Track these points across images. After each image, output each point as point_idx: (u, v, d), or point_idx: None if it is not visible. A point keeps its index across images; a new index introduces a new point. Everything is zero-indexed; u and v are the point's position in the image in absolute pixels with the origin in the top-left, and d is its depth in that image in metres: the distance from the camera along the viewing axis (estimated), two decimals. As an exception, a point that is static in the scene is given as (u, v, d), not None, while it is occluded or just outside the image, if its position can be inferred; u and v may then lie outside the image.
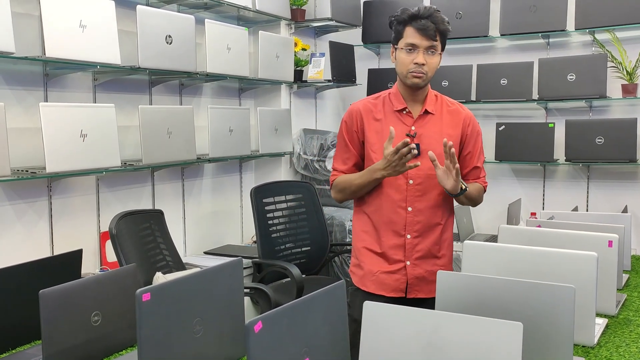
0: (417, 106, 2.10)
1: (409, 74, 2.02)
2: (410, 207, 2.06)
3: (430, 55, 2.01)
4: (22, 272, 1.74)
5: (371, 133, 2.10)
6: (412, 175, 2.05)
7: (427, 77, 2.04)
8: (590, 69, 3.69)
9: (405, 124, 2.09)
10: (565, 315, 1.41)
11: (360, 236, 2.15)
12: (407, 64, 2.02)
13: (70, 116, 2.53)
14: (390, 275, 2.08)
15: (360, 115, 2.11)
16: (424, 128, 2.08)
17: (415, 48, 2.00)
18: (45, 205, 2.76)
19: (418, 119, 2.09)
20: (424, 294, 2.08)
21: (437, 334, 1.22)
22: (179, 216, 3.52)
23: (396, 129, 2.02)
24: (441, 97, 2.16)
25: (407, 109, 2.09)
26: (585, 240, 1.91)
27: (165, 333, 1.38)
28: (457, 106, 2.16)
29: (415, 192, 2.06)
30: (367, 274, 2.11)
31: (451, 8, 4.09)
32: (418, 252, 2.08)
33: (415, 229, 2.07)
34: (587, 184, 3.93)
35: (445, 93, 4.04)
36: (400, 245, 2.07)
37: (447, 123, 2.11)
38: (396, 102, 2.10)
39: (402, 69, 2.04)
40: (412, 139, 2.02)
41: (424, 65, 2.00)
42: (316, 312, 1.33)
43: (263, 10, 3.67)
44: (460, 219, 3.88)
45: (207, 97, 3.69)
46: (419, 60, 2.00)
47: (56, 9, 2.47)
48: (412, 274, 2.07)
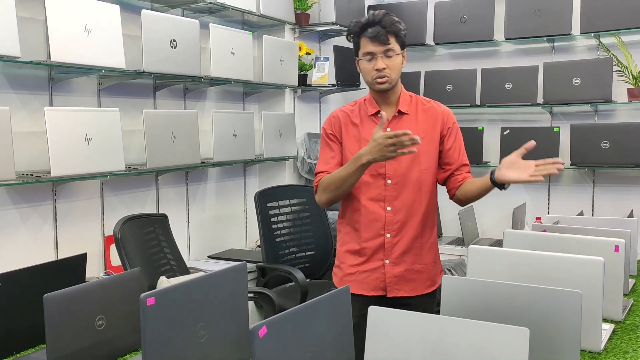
0: (391, 108, 2.15)
1: (373, 80, 2.08)
2: (389, 206, 2.09)
3: (389, 58, 2.05)
4: (27, 276, 1.75)
5: (349, 138, 2.15)
6: (390, 174, 2.09)
7: (392, 79, 2.08)
8: (596, 73, 3.68)
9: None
10: (572, 320, 1.40)
11: (343, 239, 2.20)
12: (370, 72, 2.07)
13: (75, 120, 2.53)
14: (369, 274, 2.12)
15: (339, 121, 2.17)
16: (399, 128, 2.08)
17: (373, 55, 2.05)
18: (49, 209, 2.77)
19: (392, 120, 2.13)
20: (404, 293, 2.11)
21: (442, 339, 1.22)
22: (183, 220, 3.52)
23: (371, 131, 2.05)
24: (416, 97, 2.20)
25: (381, 112, 2.12)
26: (592, 245, 1.89)
27: (169, 338, 1.38)
28: (432, 104, 2.19)
29: (393, 191, 2.09)
30: (347, 274, 2.15)
31: (456, 12, 4.09)
32: (397, 251, 2.10)
33: (394, 227, 2.10)
34: (593, 189, 3.91)
35: (450, 97, 4.09)
36: (379, 245, 2.11)
37: (423, 121, 2.14)
38: (370, 106, 2.15)
39: (367, 77, 2.10)
40: None
41: (384, 69, 2.05)
42: (321, 317, 1.32)
43: (267, 14, 3.68)
44: (465, 223, 3.87)
45: (211, 101, 3.69)
46: (378, 66, 2.05)
47: (61, 13, 2.48)
48: (390, 272, 2.10)
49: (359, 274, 2.13)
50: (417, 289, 2.12)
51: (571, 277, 1.65)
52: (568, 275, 1.65)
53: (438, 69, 4.26)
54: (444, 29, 4.15)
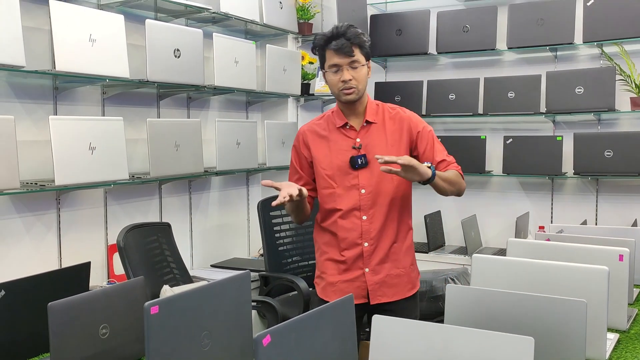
0: (359, 119, 2.18)
1: (340, 92, 2.11)
2: (365, 215, 2.13)
3: (354, 70, 2.09)
4: (31, 285, 1.75)
5: (318, 151, 2.19)
6: (364, 184, 2.13)
7: (359, 90, 2.12)
8: (599, 82, 3.68)
9: (349, 137, 2.17)
10: (577, 330, 1.39)
11: (321, 249, 2.23)
12: (336, 84, 2.11)
13: (79, 129, 2.54)
14: (351, 283, 2.15)
15: (306, 136, 2.22)
16: (369, 138, 2.16)
17: (339, 67, 2.09)
18: (53, 218, 2.77)
19: (361, 131, 2.17)
20: (387, 298, 2.15)
21: (447, 348, 1.21)
22: (186, 229, 3.52)
23: (341, 143, 2.16)
24: (382, 105, 2.23)
25: (349, 124, 2.18)
26: (596, 254, 1.89)
27: (173, 346, 1.38)
28: (398, 110, 2.22)
29: (368, 200, 2.13)
30: (328, 284, 2.19)
31: (458, 22, 4.11)
32: (376, 259, 2.14)
33: (371, 236, 2.13)
34: (596, 198, 3.90)
35: (453, 106, 4.09)
36: (358, 254, 2.14)
37: (390, 128, 2.18)
38: (338, 119, 2.19)
39: (334, 89, 2.14)
40: (358, 151, 2.14)
41: (351, 81, 2.09)
42: (325, 326, 1.32)
43: (270, 24, 3.69)
44: (468, 232, 3.86)
45: (214, 110, 3.70)
46: (344, 77, 2.08)
47: (66, 23, 2.50)
48: (371, 280, 2.14)
49: (340, 284, 2.16)
50: (399, 293, 2.16)
51: (575, 286, 1.64)
52: (572, 285, 1.65)
53: (441, 78, 4.27)
54: (447, 38, 4.16)
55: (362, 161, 2.12)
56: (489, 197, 4.21)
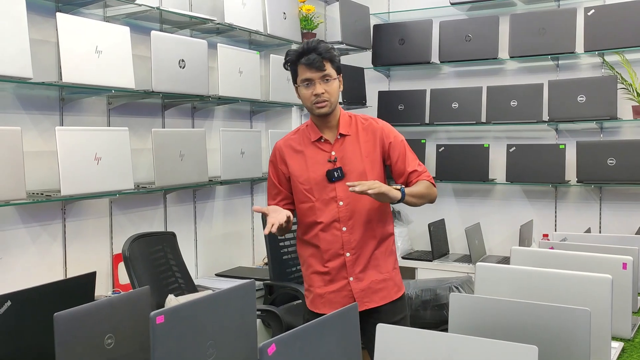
0: (332, 132, 2.22)
1: (313, 106, 2.14)
2: (345, 226, 2.17)
3: (326, 83, 2.13)
4: (36, 295, 1.76)
5: (294, 166, 2.22)
6: (341, 196, 2.17)
7: (332, 103, 2.15)
8: (601, 91, 3.69)
9: (325, 151, 2.20)
10: (580, 338, 1.40)
11: (306, 262, 2.26)
12: (309, 97, 2.14)
13: (85, 140, 2.57)
14: (337, 293, 2.19)
15: (282, 151, 2.25)
16: (343, 151, 2.19)
17: (311, 81, 2.12)
18: (59, 228, 2.79)
19: (335, 144, 2.20)
20: (375, 303, 2.19)
21: (451, 357, 1.22)
22: (190, 238, 3.53)
23: (317, 157, 2.19)
24: (355, 117, 2.26)
25: (323, 137, 2.21)
26: (599, 263, 1.89)
27: (178, 356, 1.39)
28: (370, 121, 2.26)
29: (346, 212, 2.17)
30: (316, 297, 2.22)
31: (460, 31, 4.13)
32: (358, 267, 2.18)
33: (352, 246, 2.17)
34: (600, 206, 3.90)
35: (456, 115, 4.11)
36: (341, 264, 2.18)
37: (364, 140, 2.21)
38: (312, 133, 2.22)
39: (307, 102, 2.16)
40: (333, 164, 2.17)
41: (323, 94, 2.12)
42: (329, 335, 1.33)
43: (274, 34, 3.72)
44: (472, 240, 3.87)
45: (218, 120, 3.73)
46: (317, 91, 2.11)
47: (73, 35, 2.52)
48: (356, 288, 2.18)
49: (327, 295, 2.20)
50: (386, 297, 2.20)
51: (579, 294, 1.65)
52: (576, 293, 1.66)
53: (443, 87, 4.29)
54: (449, 47, 4.18)
55: (338, 174, 2.16)
56: (492, 205, 4.22)
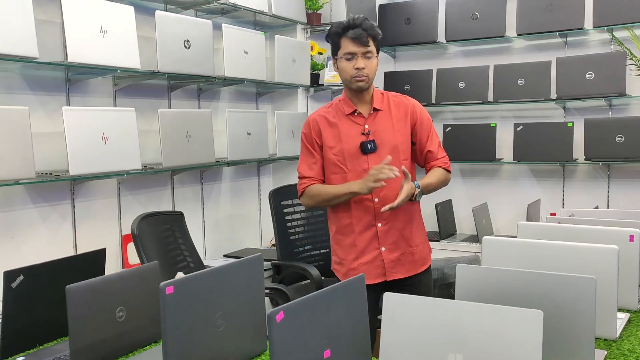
0: (366, 106, 2.29)
1: (352, 79, 2.21)
2: (377, 197, 2.23)
3: (367, 59, 2.20)
4: (49, 270, 1.78)
5: (328, 137, 2.28)
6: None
7: (370, 79, 2.23)
8: (609, 67, 3.66)
9: (358, 124, 2.27)
10: (586, 306, 1.40)
11: (336, 235, 2.32)
12: (349, 71, 2.20)
13: (93, 120, 2.58)
14: (369, 264, 2.25)
15: (317, 123, 2.30)
16: (376, 125, 2.26)
17: (354, 55, 2.19)
18: (68, 208, 2.81)
19: (369, 118, 2.27)
20: (402, 275, 2.27)
21: (457, 324, 1.23)
22: (198, 219, 3.55)
23: (350, 130, 2.26)
24: (387, 94, 2.34)
25: (357, 111, 2.28)
26: (606, 235, 1.89)
27: (188, 326, 1.41)
28: (401, 98, 2.34)
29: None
30: (349, 270, 2.28)
31: (467, 9, 4.10)
32: (390, 238, 2.25)
33: (384, 217, 2.23)
34: (608, 183, 3.89)
35: (462, 94, 4.09)
36: (373, 235, 2.25)
37: (396, 115, 2.29)
38: (346, 106, 2.29)
39: (346, 75, 2.23)
40: (367, 136, 2.24)
41: (364, 69, 2.19)
42: (337, 305, 1.34)
43: (279, 14, 3.71)
44: (479, 220, 3.87)
45: (224, 101, 3.73)
46: (358, 65, 2.19)
47: (78, 15, 2.53)
48: (388, 258, 2.25)
49: (360, 267, 2.25)
50: (412, 270, 2.29)
51: (585, 266, 1.65)
52: (582, 265, 1.66)
53: (450, 66, 4.27)
54: (456, 26, 4.15)
55: (371, 146, 2.23)
56: (499, 185, 4.21)
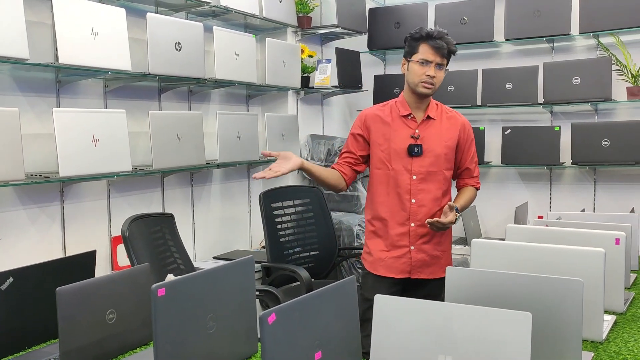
0: (421, 112, 2.40)
1: (420, 83, 2.31)
2: (414, 199, 2.35)
3: (438, 70, 2.31)
4: (38, 272, 1.78)
5: (377, 134, 2.41)
6: (416, 171, 2.35)
7: (435, 88, 2.33)
8: (595, 73, 3.71)
9: (410, 127, 2.38)
10: (573, 308, 1.43)
11: (371, 227, 2.45)
12: (420, 75, 2.30)
13: (83, 121, 2.57)
14: (397, 259, 2.37)
15: (367, 118, 2.44)
16: (426, 131, 2.38)
17: (428, 63, 2.30)
18: (57, 210, 2.80)
19: (421, 124, 2.38)
20: (425, 275, 2.38)
21: (446, 325, 1.25)
22: (188, 221, 3.55)
23: (401, 131, 2.38)
24: (441, 106, 2.45)
25: (412, 115, 2.39)
26: (593, 238, 1.92)
27: (179, 328, 1.41)
28: (454, 113, 2.46)
29: (418, 185, 2.35)
30: (377, 260, 2.41)
31: (456, 14, 4.13)
32: (422, 239, 2.36)
33: (418, 218, 2.35)
34: (594, 187, 3.94)
35: (452, 98, 4.13)
36: (405, 233, 2.36)
37: (446, 127, 2.40)
38: (402, 108, 2.40)
39: (415, 79, 2.32)
40: (416, 140, 2.35)
41: (434, 78, 2.30)
42: (327, 307, 1.35)
43: (270, 17, 3.72)
44: (468, 223, 3.90)
45: (215, 103, 3.73)
46: (431, 73, 2.30)
47: (69, 17, 2.52)
48: (415, 257, 2.36)
49: (388, 259, 2.38)
50: (435, 273, 2.39)
51: (572, 268, 1.68)
52: (569, 267, 1.68)
53: (439, 70, 4.30)
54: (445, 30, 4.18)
55: (418, 150, 2.33)
56: (488, 188, 4.25)
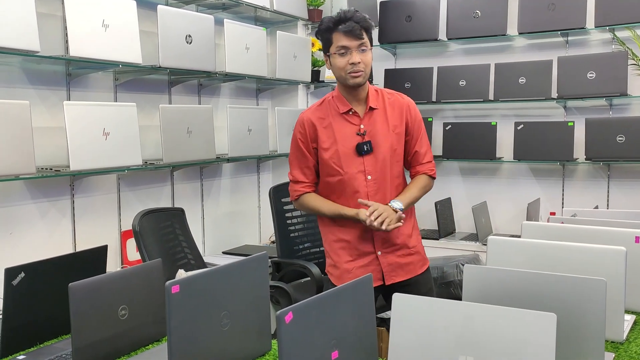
0: (361, 105, 2.17)
1: (347, 75, 2.09)
2: (372, 200, 2.13)
3: (362, 52, 2.09)
4: (50, 267, 1.76)
5: (323, 138, 2.17)
6: (370, 170, 2.15)
7: (366, 74, 2.11)
8: (611, 67, 3.65)
9: (353, 124, 2.16)
10: (596, 309, 1.39)
11: (330, 237, 2.23)
12: (344, 66, 2.09)
13: (94, 115, 2.56)
14: (365, 268, 2.16)
15: (311, 123, 2.18)
16: (372, 125, 2.16)
17: (347, 49, 2.08)
18: (67, 204, 2.79)
19: (364, 117, 2.16)
20: (401, 277, 2.19)
21: (467, 325, 1.22)
22: (197, 216, 3.53)
23: (345, 130, 2.15)
24: (381, 91, 2.23)
25: (353, 110, 2.16)
26: (611, 236, 1.88)
27: (193, 325, 1.39)
28: (396, 96, 2.24)
29: (374, 186, 2.15)
30: (343, 272, 2.19)
31: (468, 7, 4.08)
32: (386, 241, 2.17)
33: None
34: (608, 183, 3.88)
35: (463, 92, 4.08)
36: (368, 238, 2.16)
37: (391, 114, 2.18)
38: (340, 105, 2.16)
39: (340, 72, 2.10)
40: (362, 137, 2.14)
41: (359, 64, 2.07)
42: (344, 305, 1.33)
43: (280, 10, 3.69)
44: (479, 219, 3.86)
45: (225, 97, 3.71)
46: (354, 59, 2.07)
47: (79, 9, 2.50)
48: (385, 262, 2.17)
49: (356, 270, 2.17)
50: (412, 271, 2.22)
51: (592, 267, 1.64)
52: (589, 266, 1.65)
53: (451, 64, 4.25)
54: (457, 24, 4.14)
55: (367, 147, 2.13)
56: (499, 184, 4.20)
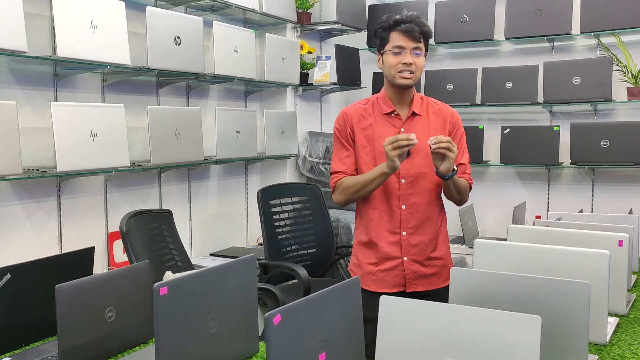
0: (405, 108, 2.17)
1: (397, 74, 2.09)
2: (404, 204, 2.13)
3: (416, 56, 2.09)
4: (36, 269, 1.75)
5: (361, 136, 2.16)
6: (404, 174, 2.12)
7: (416, 77, 2.10)
8: (596, 73, 3.70)
9: (394, 126, 2.16)
10: (580, 311, 1.41)
11: (359, 236, 2.22)
12: (395, 65, 2.08)
13: (81, 116, 2.54)
14: (389, 272, 2.14)
15: (351, 119, 2.18)
16: (413, 129, 2.14)
17: (402, 50, 2.08)
18: (54, 205, 2.77)
19: (406, 121, 2.16)
20: (422, 287, 2.15)
21: (454, 328, 1.23)
22: (185, 218, 3.52)
23: (385, 130, 2.13)
24: (426, 99, 2.23)
25: (396, 112, 2.16)
26: (596, 240, 1.91)
27: (181, 327, 1.39)
28: (441, 105, 2.23)
29: (408, 190, 2.13)
30: (367, 273, 2.17)
31: (456, 12, 4.12)
32: (414, 248, 2.14)
33: (410, 225, 2.14)
34: (592, 187, 3.93)
35: (451, 96, 4.11)
36: (396, 242, 2.14)
37: (434, 123, 2.17)
38: (384, 105, 2.17)
39: (391, 70, 2.10)
40: None
41: (411, 65, 2.07)
42: (332, 307, 1.33)
43: (269, 12, 3.69)
44: (465, 222, 3.89)
45: (213, 99, 3.70)
46: (406, 60, 2.07)
47: (68, 9, 2.49)
48: (409, 269, 2.14)
49: (379, 273, 2.15)
50: (433, 283, 2.17)
51: (577, 270, 1.66)
52: (574, 269, 1.67)
53: (439, 68, 4.28)
54: (445, 28, 4.17)
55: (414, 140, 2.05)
56: (486, 187, 4.24)
